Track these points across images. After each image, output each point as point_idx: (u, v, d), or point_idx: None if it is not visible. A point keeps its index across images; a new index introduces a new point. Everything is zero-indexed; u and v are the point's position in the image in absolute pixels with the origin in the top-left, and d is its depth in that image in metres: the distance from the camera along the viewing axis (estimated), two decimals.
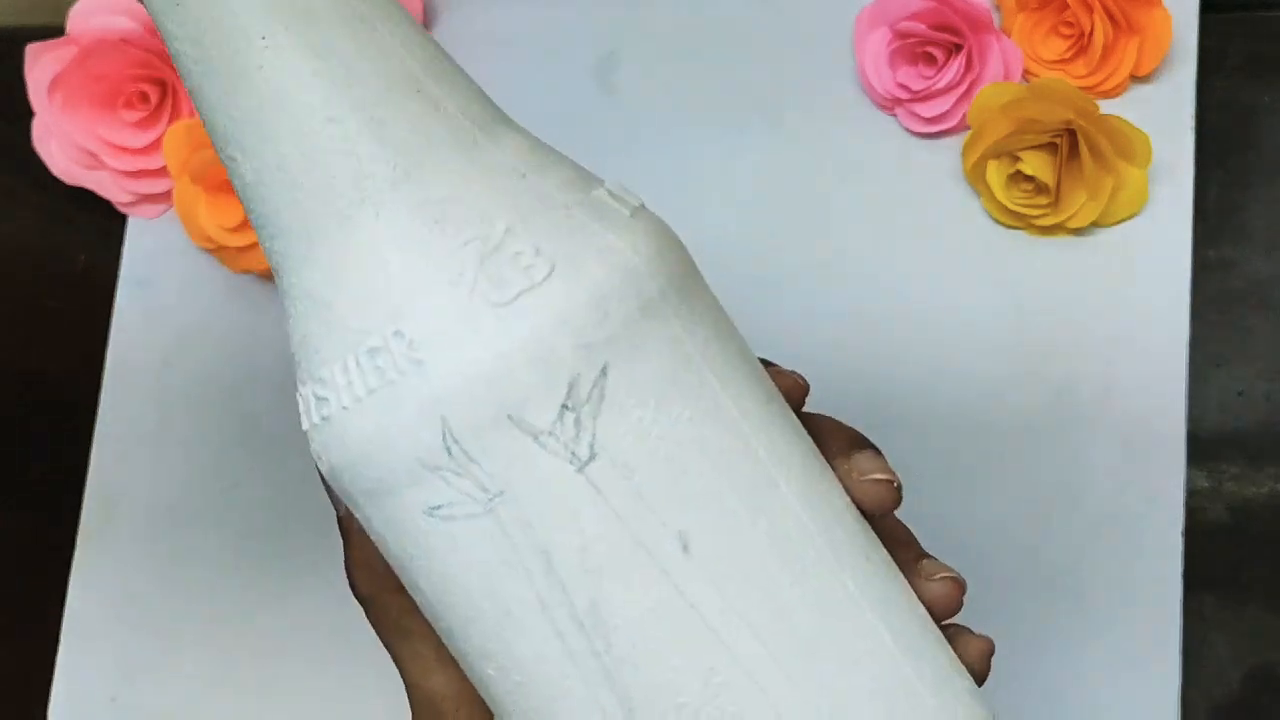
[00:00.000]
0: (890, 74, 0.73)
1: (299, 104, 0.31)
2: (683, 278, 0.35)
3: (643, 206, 0.36)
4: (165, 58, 0.80)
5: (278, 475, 0.79)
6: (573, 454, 0.31)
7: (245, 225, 0.78)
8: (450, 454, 0.31)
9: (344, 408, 0.32)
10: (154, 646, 0.78)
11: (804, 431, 0.36)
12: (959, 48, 0.72)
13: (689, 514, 0.31)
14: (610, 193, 0.35)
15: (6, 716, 0.80)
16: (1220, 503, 0.70)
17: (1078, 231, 0.71)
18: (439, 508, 0.32)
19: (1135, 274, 0.71)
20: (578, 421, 0.31)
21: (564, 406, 0.31)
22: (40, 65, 0.80)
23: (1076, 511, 0.69)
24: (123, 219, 0.83)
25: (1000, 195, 0.71)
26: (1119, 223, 0.71)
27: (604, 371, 0.31)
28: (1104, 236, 0.71)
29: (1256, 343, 0.71)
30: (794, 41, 0.77)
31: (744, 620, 0.32)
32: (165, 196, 0.82)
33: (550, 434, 0.31)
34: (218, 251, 0.80)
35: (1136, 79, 0.72)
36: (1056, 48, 0.72)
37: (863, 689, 0.33)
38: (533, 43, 0.80)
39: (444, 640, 0.35)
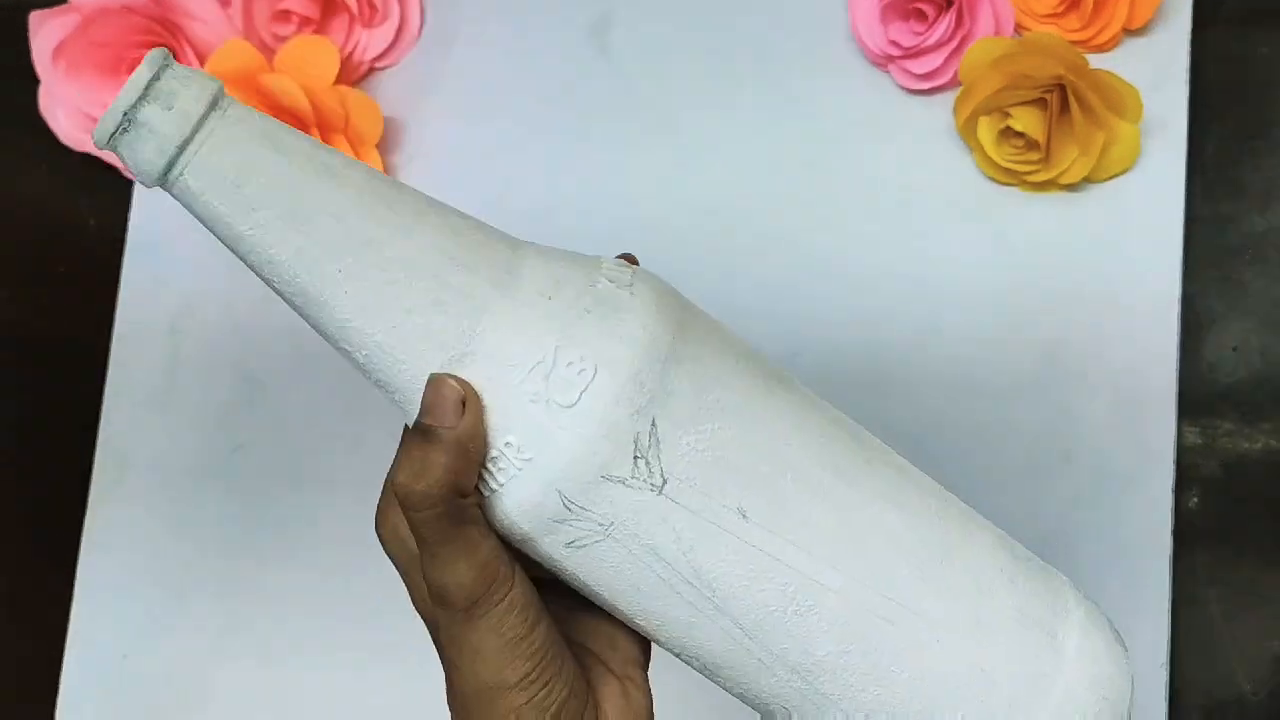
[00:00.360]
0: (882, 30, 0.73)
1: (385, 308, 0.43)
2: (681, 319, 0.45)
3: (635, 276, 0.45)
4: (167, 24, 0.81)
5: (284, 436, 0.80)
6: (651, 485, 0.43)
7: None
8: (570, 510, 0.44)
9: (492, 491, 0.44)
10: (164, 605, 0.80)
11: (793, 383, 0.47)
12: (950, 3, 0.71)
13: (739, 491, 0.44)
14: (609, 278, 0.45)
15: (22, 675, 0.81)
16: (1214, 459, 0.70)
17: (1070, 187, 0.71)
18: (573, 542, 0.44)
19: (1128, 230, 0.70)
20: (648, 464, 0.43)
21: (635, 457, 0.43)
22: (44, 32, 0.81)
23: (1068, 467, 0.69)
24: (131, 183, 0.84)
25: (991, 152, 0.71)
26: (1111, 178, 0.70)
27: (654, 423, 0.43)
28: (1096, 192, 0.71)
29: (1251, 298, 0.70)
30: None
31: (795, 545, 0.45)
32: None
33: (633, 478, 0.43)
34: None
35: (1130, 32, 0.71)
36: (1048, 1, 0.71)
37: (883, 558, 0.46)
38: (527, 5, 0.80)
39: (612, 612, 0.47)
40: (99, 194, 0.85)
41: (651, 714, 0.49)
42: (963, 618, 0.46)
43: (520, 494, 0.44)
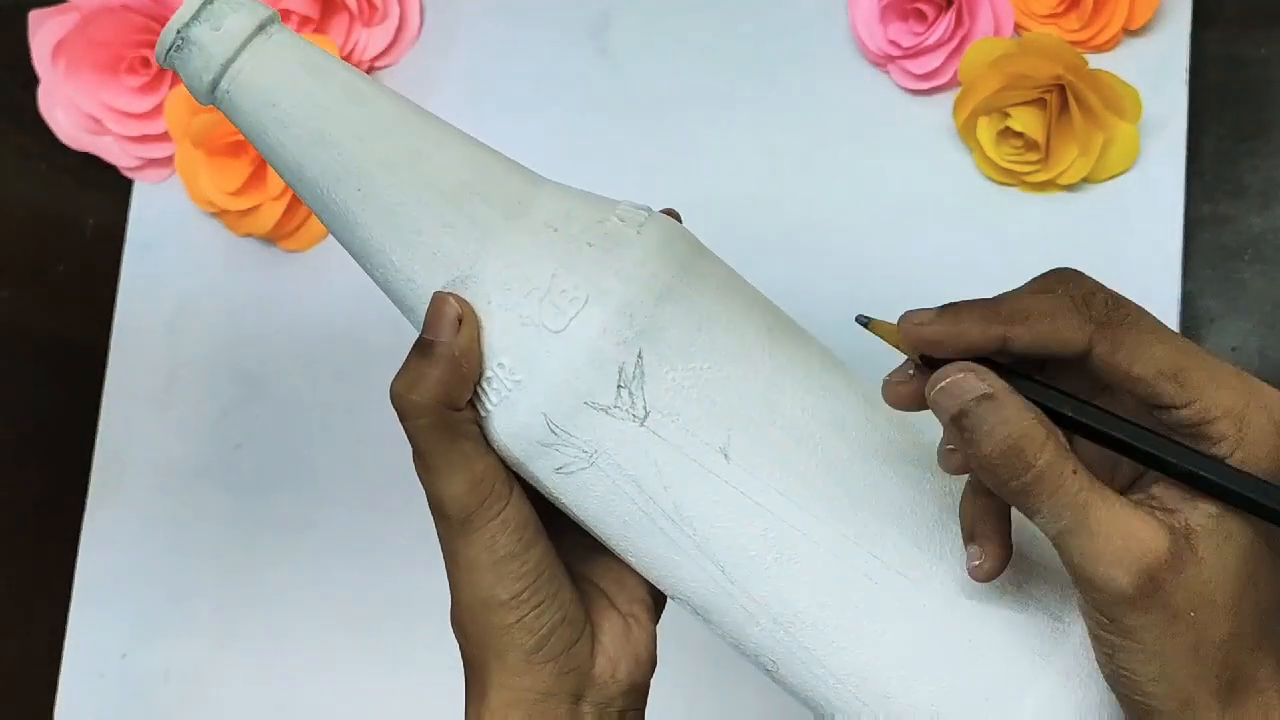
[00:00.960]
0: (882, 30, 0.73)
1: (398, 228, 0.46)
2: (687, 261, 0.46)
3: (650, 217, 0.47)
4: (165, 23, 0.81)
5: (283, 435, 0.80)
6: (633, 415, 0.44)
7: (246, 189, 0.79)
8: (555, 434, 0.45)
9: (486, 413, 0.46)
10: (163, 605, 0.80)
11: (806, 340, 0.48)
12: (950, 3, 0.71)
13: (723, 433, 0.45)
14: (620, 217, 0.46)
15: (21, 673, 0.81)
16: None
17: (1069, 187, 0.71)
18: (560, 468, 0.46)
19: (1127, 230, 0.70)
20: (630, 394, 0.44)
21: (619, 386, 0.44)
22: (43, 31, 0.81)
23: None
24: (130, 182, 0.84)
25: (991, 152, 0.71)
26: (1110, 179, 0.71)
27: (640, 355, 0.44)
28: (1095, 192, 0.71)
29: (1251, 298, 0.71)
30: None
31: (777, 491, 0.45)
32: (169, 161, 0.83)
33: (615, 406, 0.44)
34: (220, 215, 0.81)
35: (1130, 32, 0.71)
36: (1048, 1, 0.71)
37: (874, 518, 0.45)
38: (527, 4, 0.80)
39: (605, 544, 0.48)
40: (98, 193, 0.85)
41: (653, 656, 0.50)
42: (954, 586, 0.46)
43: (510, 415, 0.45)
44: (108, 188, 0.84)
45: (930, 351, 0.42)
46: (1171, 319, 0.69)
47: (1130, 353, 0.40)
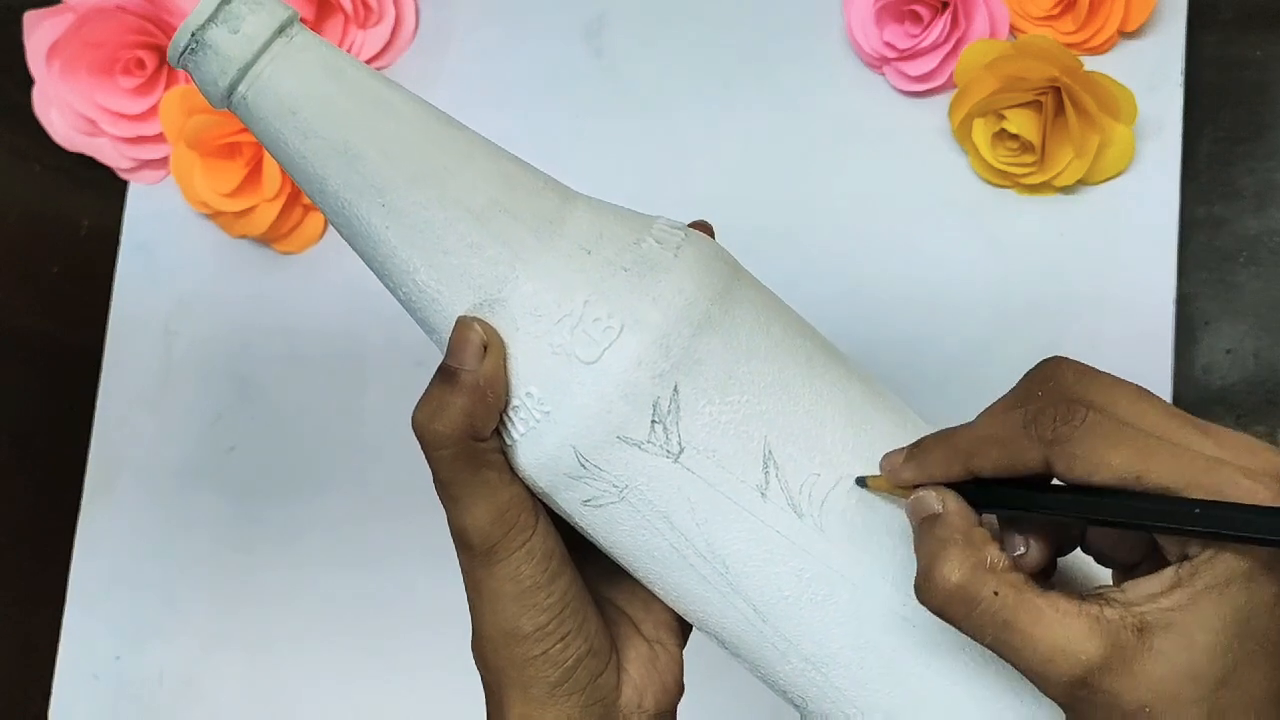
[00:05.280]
0: (877, 32, 0.73)
1: (423, 247, 0.43)
2: (725, 287, 0.44)
3: (686, 238, 0.45)
4: (161, 24, 0.81)
5: (277, 437, 0.80)
6: (667, 451, 0.43)
7: (241, 190, 0.79)
8: (584, 468, 0.43)
9: (512, 442, 0.44)
10: (157, 606, 0.80)
11: (844, 366, 0.46)
12: (945, 5, 0.71)
13: (760, 470, 0.43)
14: (657, 239, 0.44)
15: (15, 675, 0.81)
16: None
17: (1065, 190, 0.71)
18: (589, 500, 0.44)
19: (1122, 232, 0.70)
20: (665, 429, 0.42)
21: (653, 421, 0.42)
22: (38, 32, 0.81)
23: None
24: (125, 184, 0.84)
25: (986, 154, 0.70)
26: (1106, 181, 0.70)
27: (676, 389, 0.42)
28: (1091, 195, 0.71)
29: (1246, 300, 0.70)
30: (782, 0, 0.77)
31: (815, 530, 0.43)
32: (164, 162, 0.83)
33: (649, 442, 0.43)
34: (215, 217, 0.81)
35: (1125, 34, 0.71)
36: (1044, 3, 0.71)
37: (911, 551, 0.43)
38: (522, 6, 0.80)
39: (633, 575, 0.46)
40: (93, 194, 0.85)
41: (680, 682, 0.49)
42: None
43: (538, 446, 0.43)
44: (102, 189, 0.84)
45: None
46: (1167, 322, 0.69)
47: (1086, 466, 0.39)
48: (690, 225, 0.47)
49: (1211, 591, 0.38)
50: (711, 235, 0.48)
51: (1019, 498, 0.41)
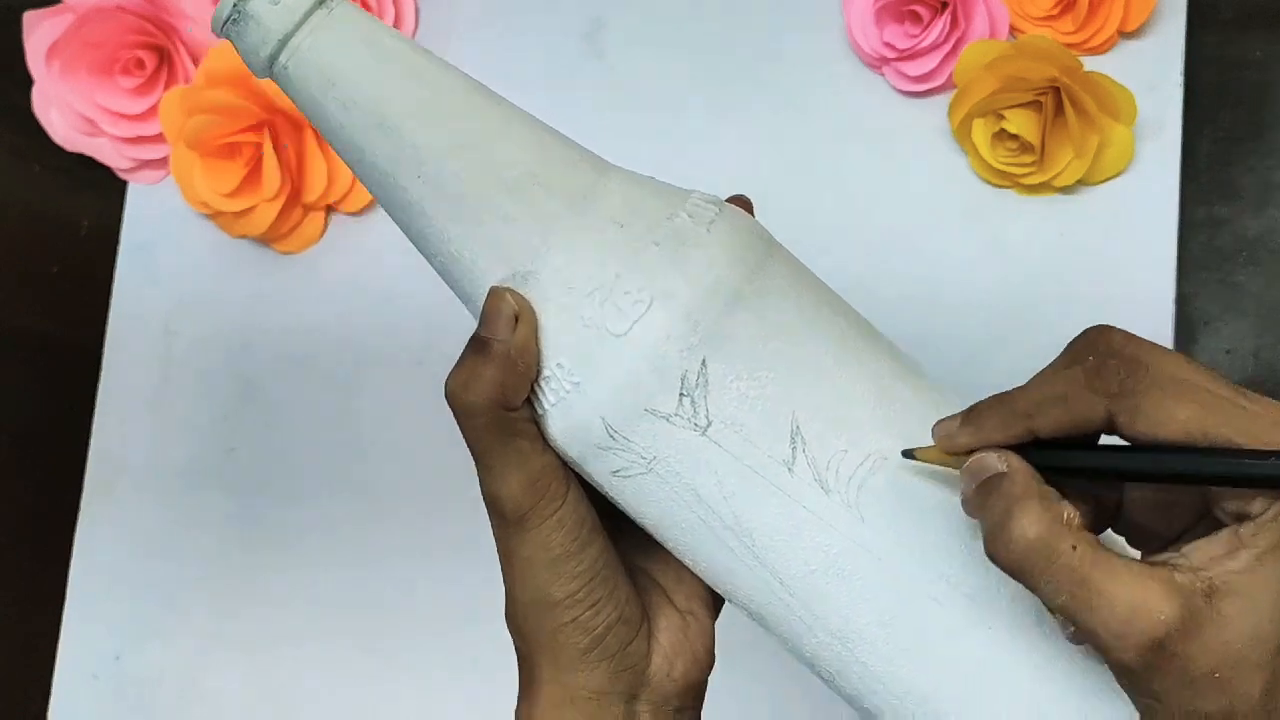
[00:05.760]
0: (877, 32, 0.73)
1: (459, 217, 0.44)
2: (758, 263, 0.44)
3: (720, 213, 0.45)
4: (161, 24, 0.81)
5: (278, 438, 0.80)
6: (695, 424, 0.43)
7: (241, 190, 0.79)
8: (613, 439, 0.43)
9: (543, 411, 0.44)
10: (157, 607, 0.80)
11: (878, 344, 0.46)
12: (945, 5, 0.71)
13: (788, 445, 0.43)
14: (690, 214, 0.44)
15: (15, 675, 0.81)
16: None
17: (1064, 190, 0.71)
18: (618, 471, 0.44)
19: (1122, 232, 0.70)
20: (693, 402, 0.43)
21: (681, 394, 0.43)
22: (38, 32, 0.81)
23: None
24: (124, 184, 0.84)
25: (986, 154, 0.71)
26: (1105, 181, 0.70)
27: (704, 363, 0.43)
28: (1091, 195, 0.71)
29: (1246, 300, 0.71)
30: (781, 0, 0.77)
31: (841, 505, 0.43)
32: (164, 162, 0.83)
33: (677, 414, 0.43)
34: (215, 217, 0.81)
35: (1125, 34, 0.71)
36: (1043, 3, 0.71)
37: (942, 538, 0.43)
38: (521, 6, 0.80)
39: (663, 545, 0.47)
40: (93, 195, 0.85)
41: (711, 653, 0.49)
42: (1023, 612, 0.43)
43: (568, 416, 0.44)
44: (102, 189, 0.84)
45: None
46: (1167, 321, 0.69)
47: (1151, 420, 0.38)
48: (728, 200, 0.47)
49: (1277, 551, 0.38)
50: (750, 210, 0.48)
51: (1084, 457, 0.40)
